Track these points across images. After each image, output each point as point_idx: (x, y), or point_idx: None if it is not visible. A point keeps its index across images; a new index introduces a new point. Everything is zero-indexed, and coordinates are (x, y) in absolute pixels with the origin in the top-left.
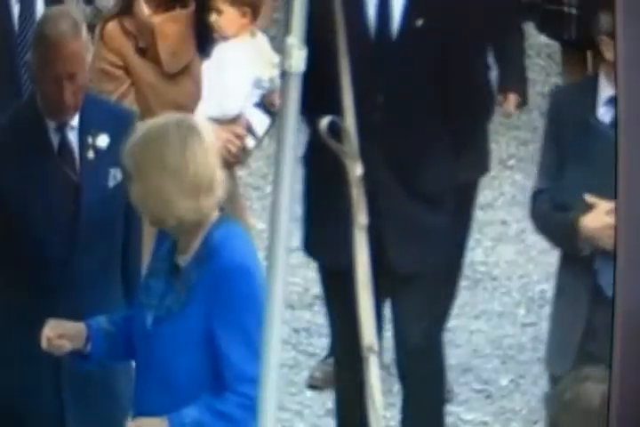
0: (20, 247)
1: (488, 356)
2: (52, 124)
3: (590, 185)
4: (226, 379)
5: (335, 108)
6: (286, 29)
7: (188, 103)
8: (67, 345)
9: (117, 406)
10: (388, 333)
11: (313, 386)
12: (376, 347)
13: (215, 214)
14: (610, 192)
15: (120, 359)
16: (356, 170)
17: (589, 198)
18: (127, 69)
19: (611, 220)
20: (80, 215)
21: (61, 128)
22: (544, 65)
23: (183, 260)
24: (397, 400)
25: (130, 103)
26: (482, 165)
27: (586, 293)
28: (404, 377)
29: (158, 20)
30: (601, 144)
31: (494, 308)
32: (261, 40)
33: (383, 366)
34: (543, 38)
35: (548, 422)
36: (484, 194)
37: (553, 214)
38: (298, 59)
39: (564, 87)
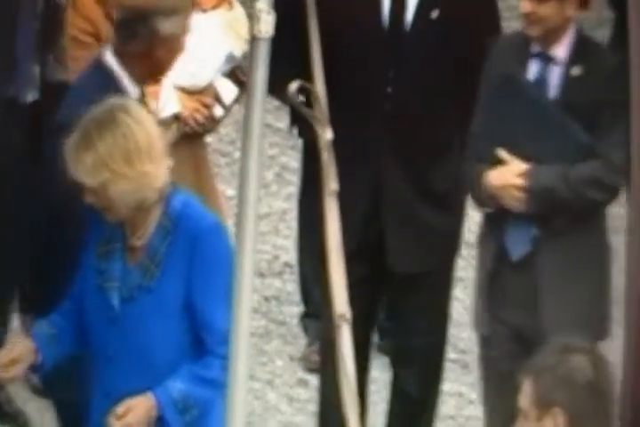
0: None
1: (464, 325)
2: None
3: (503, 139)
4: (207, 343)
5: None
6: None
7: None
8: (19, 370)
9: None
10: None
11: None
12: (348, 315)
13: (167, 186)
14: (521, 152)
15: (69, 356)
16: (326, 135)
17: (502, 154)
18: (98, 36)
19: (516, 180)
20: None
21: None
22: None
23: (137, 239)
24: (379, 374)
25: None
26: None
27: (493, 251)
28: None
29: None
30: (520, 100)
31: (470, 275)
32: (238, 13)
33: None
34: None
35: (534, 397)
36: None
37: (471, 163)
38: (266, 23)
39: (503, 36)
